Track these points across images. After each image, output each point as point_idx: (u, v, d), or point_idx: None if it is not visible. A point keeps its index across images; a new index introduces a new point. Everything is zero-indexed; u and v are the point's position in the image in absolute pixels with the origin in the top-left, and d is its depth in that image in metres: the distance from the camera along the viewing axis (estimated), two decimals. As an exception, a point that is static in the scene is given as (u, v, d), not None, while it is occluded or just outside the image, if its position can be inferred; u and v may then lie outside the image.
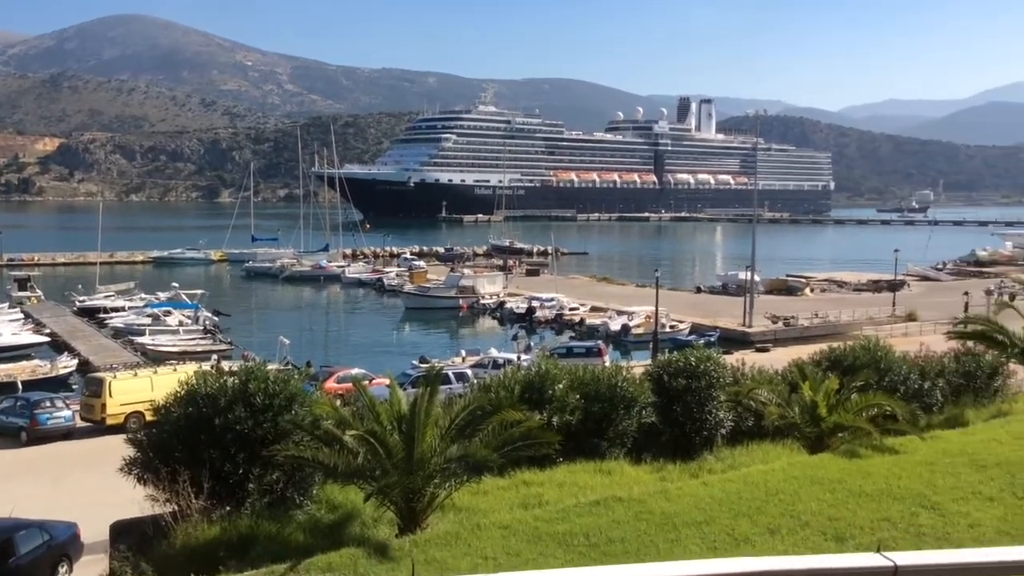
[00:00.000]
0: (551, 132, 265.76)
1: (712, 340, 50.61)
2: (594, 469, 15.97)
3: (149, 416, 24.07)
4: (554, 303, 69.07)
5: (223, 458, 14.47)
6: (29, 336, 54.35)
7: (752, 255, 65.86)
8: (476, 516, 12.78)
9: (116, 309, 66.08)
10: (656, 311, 54.27)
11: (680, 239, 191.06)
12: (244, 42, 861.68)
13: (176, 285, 70.92)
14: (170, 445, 14.84)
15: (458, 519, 12.81)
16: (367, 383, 21.51)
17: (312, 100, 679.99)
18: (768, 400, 18.54)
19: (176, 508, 14.02)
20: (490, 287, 78.31)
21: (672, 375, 18.53)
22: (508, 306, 71.82)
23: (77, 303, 68.23)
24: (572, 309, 67.68)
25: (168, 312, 61.08)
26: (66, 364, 45.83)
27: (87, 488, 22.99)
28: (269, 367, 16.88)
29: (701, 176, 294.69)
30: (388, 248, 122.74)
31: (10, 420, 31.83)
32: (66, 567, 17.44)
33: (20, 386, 39.65)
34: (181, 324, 58.97)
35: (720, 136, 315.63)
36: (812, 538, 10.92)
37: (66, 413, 32.46)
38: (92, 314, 64.95)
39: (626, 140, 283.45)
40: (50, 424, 31.69)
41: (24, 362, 46.26)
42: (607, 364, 29.15)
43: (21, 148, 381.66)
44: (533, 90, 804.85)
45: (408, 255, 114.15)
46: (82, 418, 33.11)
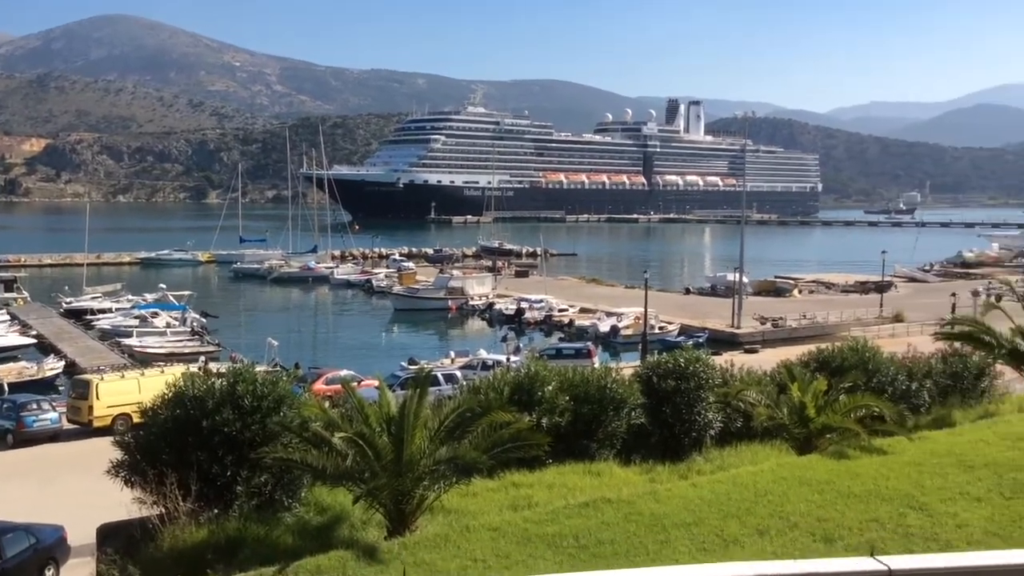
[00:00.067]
0: (540, 133, 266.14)
1: (701, 341, 50.88)
2: (583, 471, 15.97)
3: (136, 418, 23.95)
4: (543, 304, 69.10)
5: (211, 460, 14.41)
6: (15, 338, 54.06)
7: (740, 256, 66.06)
8: (465, 518, 12.76)
9: (103, 311, 65.85)
10: (645, 312, 54.37)
11: (669, 240, 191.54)
12: (232, 43, 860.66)
13: (164, 286, 70.68)
14: (157, 447, 14.77)
15: (447, 521, 12.78)
16: (356, 385, 21.48)
17: (301, 101, 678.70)
18: (757, 401, 18.56)
19: (163, 511, 13.95)
20: (479, 288, 78.33)
21: (661, 376, 18.56)
22: (497, 307, 71.84)
23: (64, 305, 67.95)
24: (561, 310, 67.76)
25: (155, 314, 60.91)
26: (53, 366, 45.62)
27: (74, 491, 22.85)
28: (257, 369, 16.80)
29: (690, 177, 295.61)
30: (377, 249, 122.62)
31: (-4, 422, 31.63)
32: (53, 570, 17.32)
33: (6, 388, 39.51)
34: (168, 326, 58.80)
35: (709, 138, 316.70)
36: (801, 539, 10.93)
37: (53, 415, 32.27)
38: (79, 316, 64.71)
39: (615, 141, 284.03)
40: (36, 426, 31.50)
41: (10, 364, 45.97)
42: (596, 365, 29.21)
43: (7, 149, 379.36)
44: (522, 91, 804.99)
45: (397, 256, 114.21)
46: (69, 420, 32.94)
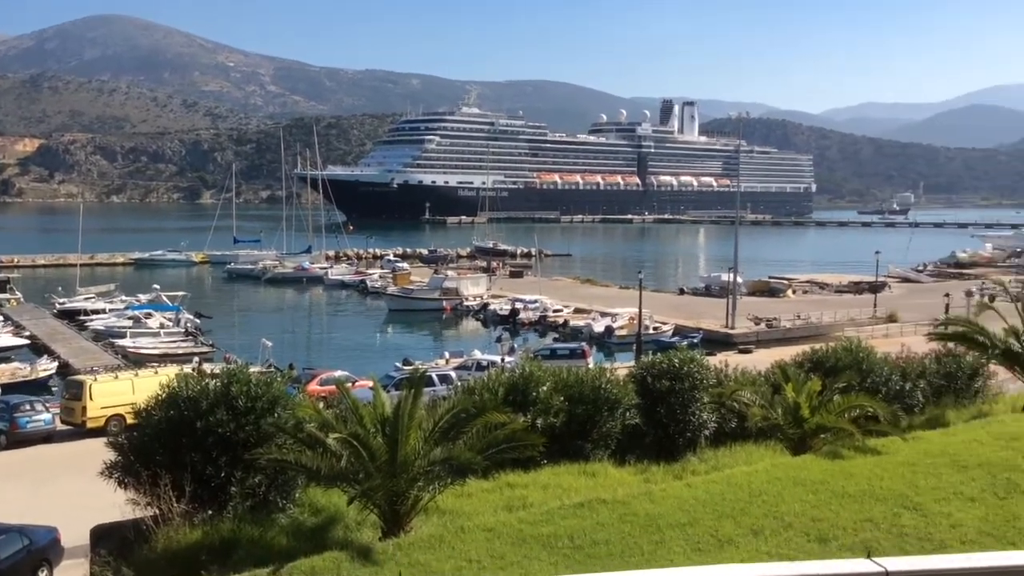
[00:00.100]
0: (534, 134, 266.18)
1: (695, 341, 50.83)
2: (578, 471, 15.98)
3: (130, 419, 23.83)
4: (538, 305, 69.09)
5: (205, 461, 14.37)
6: (8, 339, 54.01)
7: (735, 257, 66.10)
8: (460, 519, 12.74)
9: (97, 311, 65.77)
10: (639, 313, 54.43)
11: (663, 241, 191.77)
12: (226, 43, 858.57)
13: (157, 287, 70.57)
14: (151, 448, 14.74)
15: (442, 522, 12.77)
16: (350, 385, 21.42)
17: (295, 101, 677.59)
18: (751, 401, 18.58)
19: (157, 512, 13.90)
20: (474, 289, 78.31)
21: (656, 377, 18.58)
22: (492, 308, 71.84)
23: (57, 305, 67.82)
24: (556, 311, 67.75)
25: (149, 314, 60.80)
26: (46, 367, 45.53)
27: (67, 492, 22.79)
28: (251, 369, 16.75)
29: (684, 178, 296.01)
30: (371, 250, 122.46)
31: (-11, 424, 31.55)
32: (46, 572, 17.29)
33: (-1, 389, 39.37)
34: (162, 326, 58.72)
35: (703, 138, 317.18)
36: (795, 539, 10.94)
37: (46, 416, 32.19)
38: (72, 316, 64.61)
39: (609, 142, 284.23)
40: (30, 427, 31.44)
41: (3, 365, 45.94)
42: (591, 366, 29.16)
43: (0, 149, 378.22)
44: (516, 92, 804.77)
45: (391, 257, 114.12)
46: (62, 421, 32.88)
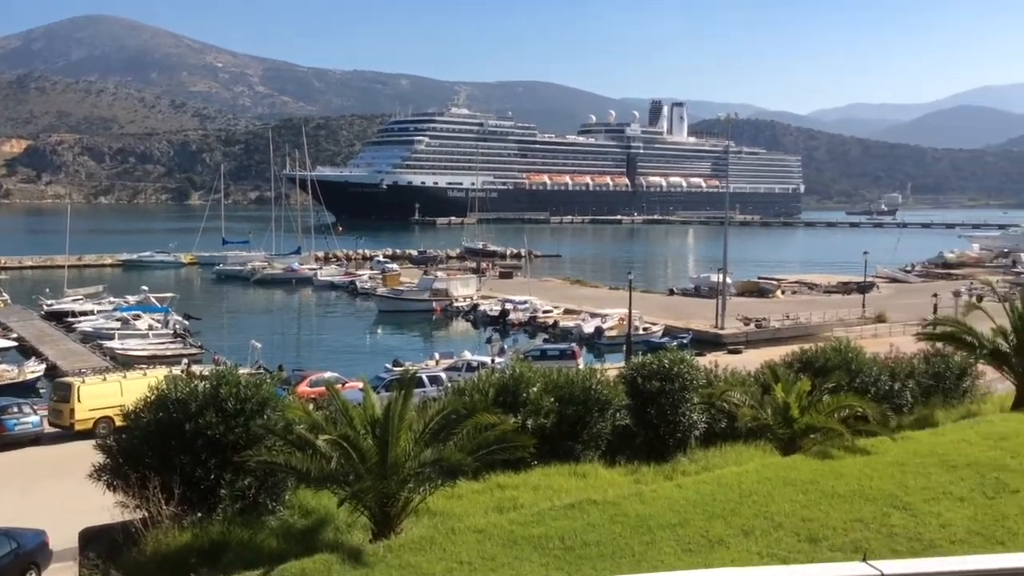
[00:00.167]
0: (524, 135, 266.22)
1: (685, 342, 50.97)
2: (569, 472, 15.98)
3: (119, 421, 23.70)
4: (527, 305, 69.10)
5: (194, 464, 14.32)
6: (-5, 341, 53.62)
7: (724, 257, 66.25)
8: (451, 520, 12.73)
9: (84, 313, 65.45)
10: (629, 313, 54.46)
11: (652, 241, 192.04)
12: (214, 43, 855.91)
13: (146, 288, 70.31)
14: (140, 451, 14.68)
15: (432, 523, 12.75)
16: (340, 387, 21.38)
17: (283, 102, 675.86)
18: (741, 402, 18.62)
19: (146, 515, 13.85)
20: (463, 290, 78.27)
21: (646, 377, 18.61)
22: (481, 309, 71.81)
23: (45, 307, 67.46)
24: (546, 311, 67.79)
25: (137, 316, 60.52)
26: (33, 369, 45.26)
27: (55, 495, 22.66)
28: (240, 371, 16.69)
29: (673, 179, 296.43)
30: (360, 251, 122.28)
31: (-24, 426, 31.33)
32: (34, 575, 17.17)
33: (-14, 391, 39.11)
34: (151, 328, 58.45)
35: (692, 139, 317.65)
36: (786, 539, 10.95)
37: (34, 419, 31.98)
38: (60, 318, 64.24)
39: (598, 143, 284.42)
40: (17, 430, 31.21)
41: (-10, 367, 45.62)
42: (581, 366, 29.19)
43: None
44: (505, 93, 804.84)
45: (381, 258, 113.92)
46: (50, 424, 32.67)
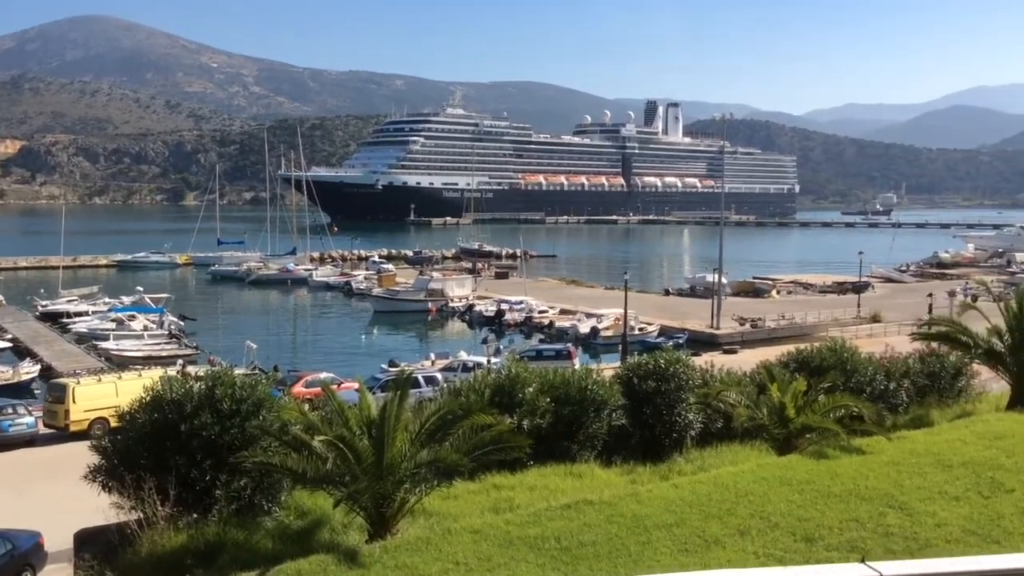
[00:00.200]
0: (519, 135, 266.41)
1: (680, 342, 50.98)
2: (565, 472, 15.97)
3: (114, 422, 23.70)
4: (523, 306, 69.09)
5: (189, 464, 14.29)
6: (-10, 342, 53.58)
7: (719, 257, 66.25)
8: (447, 521, 12.71)
9: (79, 314, 65.39)
10: (625, 314, 54.50)
11: (648, 242, 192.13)
12: (209, 44, 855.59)
13: (141, 289, 70.25)
14: (135, 452, 14.65)
15: (428, 524, 12.73)
16: (336, 387, 21.37)
17: (279, 102, 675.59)
18: (737, 402, 18.61)
19: (142, 516, 13.82)
20: (459, 290, 78.28)
21: (642, 377, 18.61)
22: (477, 309, 71.80)
23: (39, 308, 67.35)
24: (541, 312, 67.78)
25: (132, 316, 60.46)
26: (28, 370, 45.21)
27: (50, 496, 22.62)
28: (236, 372, 16.67)
29: (668, 179, 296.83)
30: (356, 251, 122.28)
31: (-29, 427, 31.27)
32: (29, 577, 17.14)
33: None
34: (146, 329, 58.40)
35: (687, 139, 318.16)
36: (782, 539, 10.95)
37: (29, 420, 31.94)
38: (55, 319, 64.15)
39: (594, 143, 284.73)
40: (12, 431, 31.17)
41: (-15, 368, 45.53)
42: (577, 367, 29.18)
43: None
44: (500, 93, 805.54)
45: (376, 258, 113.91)
46: (45, 425, 32.63)
